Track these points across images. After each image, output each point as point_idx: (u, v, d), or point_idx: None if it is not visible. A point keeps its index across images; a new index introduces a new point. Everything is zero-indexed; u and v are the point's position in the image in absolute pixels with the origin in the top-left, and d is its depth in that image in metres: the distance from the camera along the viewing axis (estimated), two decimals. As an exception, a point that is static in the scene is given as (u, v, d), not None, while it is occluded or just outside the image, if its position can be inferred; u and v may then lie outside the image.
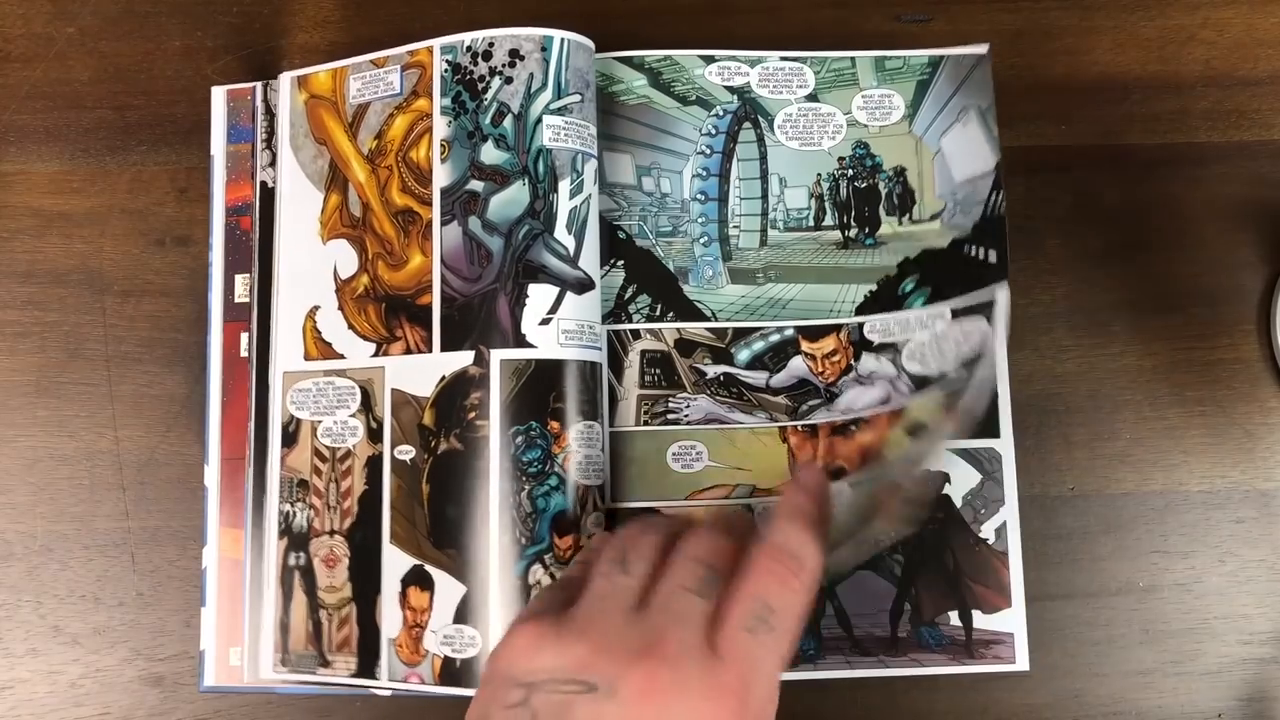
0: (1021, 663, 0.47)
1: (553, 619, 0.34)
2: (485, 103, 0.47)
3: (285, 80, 0.51)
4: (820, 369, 0.48)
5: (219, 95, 0.52)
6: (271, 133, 0.51)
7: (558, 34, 0.47)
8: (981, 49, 0.50)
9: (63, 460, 0.50)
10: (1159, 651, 0.48)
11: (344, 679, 0.46)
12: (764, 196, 0.50)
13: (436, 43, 0.48)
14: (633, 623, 0.34)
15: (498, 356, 0.45)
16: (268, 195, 0.51)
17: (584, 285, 0.46)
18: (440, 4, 0.53)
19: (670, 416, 0.48)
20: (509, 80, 0.47)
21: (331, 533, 0.47)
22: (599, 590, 0.35)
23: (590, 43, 0.48)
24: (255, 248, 0.50)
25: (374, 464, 0.47)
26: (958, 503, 0.48)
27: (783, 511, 0.37)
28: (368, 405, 0.48)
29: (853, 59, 0.51)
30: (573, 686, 0.32)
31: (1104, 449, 0.50)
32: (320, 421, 0.48)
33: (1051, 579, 0.49)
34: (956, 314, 0.47)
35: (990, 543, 0.48)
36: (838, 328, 0.49)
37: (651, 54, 0.50)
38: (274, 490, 0.49)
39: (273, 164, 0.51)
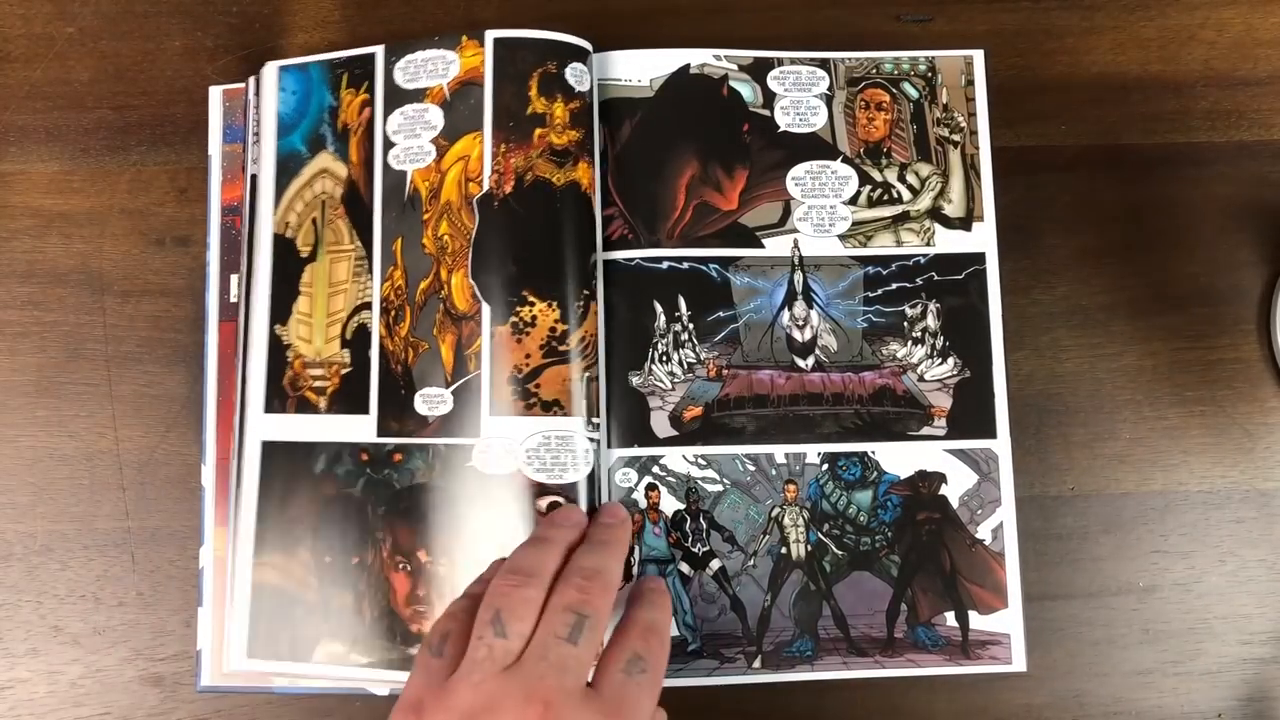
0: (1018, 663, 0.47)
1: (436, 694, 0.36)
2: None
3: (270, 69, 0.51)
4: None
5: (216, 95, 0.52)
6: (260, 124, 0.51)
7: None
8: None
9: (63, 460, 0.50)
10: (1159, 651, 0.48)
11: (330, 673, 0.46)
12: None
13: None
14: (511, 679, 0.36)
15: None
16: (255, 188, 0.51)
17: None
18: (440, 4, 0.53)
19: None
20: None
21: None
22: (478, 656, 0.37)
23: None
24: (244, 247, 0.50)
25: None
26: (954, 503, 0.48)
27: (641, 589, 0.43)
28: None
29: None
30: None
31: (1104, 449, 0.50)
32: None
33: (1051, 579, 0.49)
34: None
35: (987, 543, 0.48)
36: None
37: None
38: (251, 487, 0.49)
39: (259, 158, 0.51)
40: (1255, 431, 0.50)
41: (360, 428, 0.48)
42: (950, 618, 0.47)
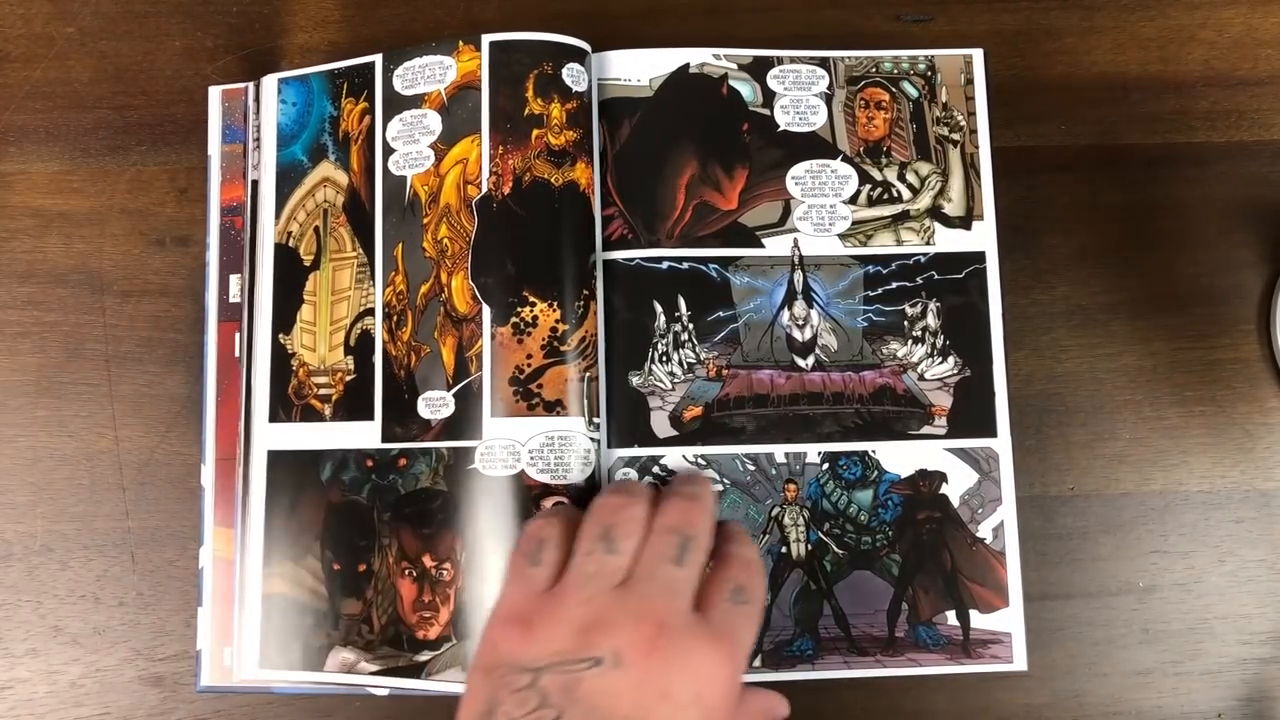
0: (1019, 663, 0.47)
1: (542, 605, 0.37)
2: None
3: (269, 81, 0.52)
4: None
5: (215, 95, 0.52)
6: (260, 131, 0.51)
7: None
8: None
9: (63, 460, 0.50)
10: (1159, 651, 0.48)
11: (337, 678, 0.46)
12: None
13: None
14: (623, 597, 0.36)
15: None
16: (256, 194, 0.51)
17: None
18: (440, 4, 0.53)
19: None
20: None
21: None
22: (587, 570, 0.37)
23: None
24: (246, 247, 0.50)
25: None
26: (955, 502, 0.48)
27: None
28: None
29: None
30: (579, 664, 0.34)
31: (1104, 449, 0.50)
32: None
33: (1051, 579, 0.49)
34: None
35: (988, 542, 0.48)
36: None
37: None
38: (259, 497, 0.49)
39: (260, 164, 0.51)
40: (1255, 431, 0.50)
41: (365, 434, 0.48)
42: (951, 617, 0.47)
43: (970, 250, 0.50)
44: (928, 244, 0.50)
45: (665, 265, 0.49)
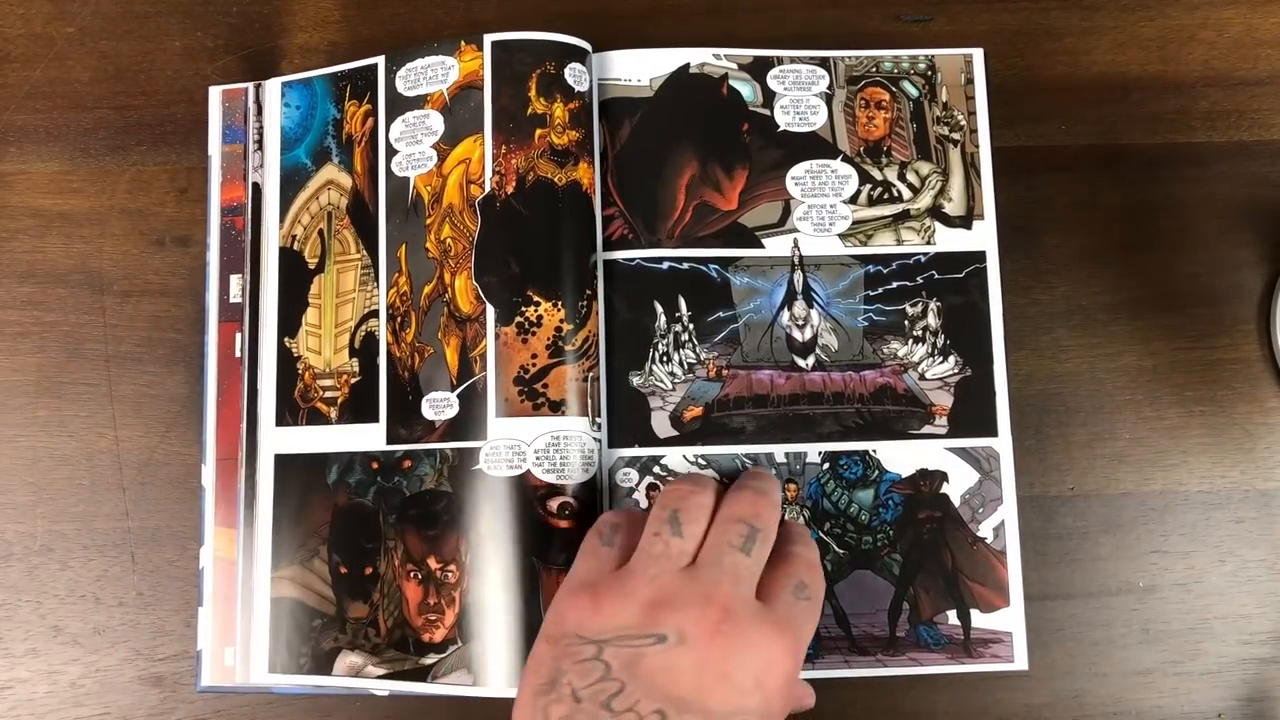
0: (1020, 662, 0.47)
1: (611, 580, 0.37)
2: None
3: (273, 85, 0.52)
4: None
5: (215, 96, 0.52)
6: (262, 134, 0.51)
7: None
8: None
9: (63, 460, 0.50)
10: (1159, 651, 0.48)
11: (341, 681, 0.46)
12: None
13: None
14: (689, 579, 0.37)
15: None
16: (258, 196, 0.51)
17: None
18: (440, 4, 0.53)
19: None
20: None
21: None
22: (655, 551, 0.38)
23: None
24: (248, 248, 0.50)
25: None
26: (956, 502, 0.48)
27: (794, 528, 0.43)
28: None
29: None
30: (643, 640, 0.35)
31: (1104, 449, 0.50)
32: None
33: (1051, 579, 0.49)
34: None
35: (988, 541, 0.48)
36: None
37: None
38: (266, 501, 0.49)
39: (262, 165, 0.51)
40: (1255, 431, 0.50)
41: (370, 436, 0.48)
42: (952, 616, 0.47)
43: (971, 250, 0.50)
44: (928, 243, 0.50)
45: (665, 265, 0.49)
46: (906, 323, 0.49)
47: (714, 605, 0.36)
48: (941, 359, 0.49)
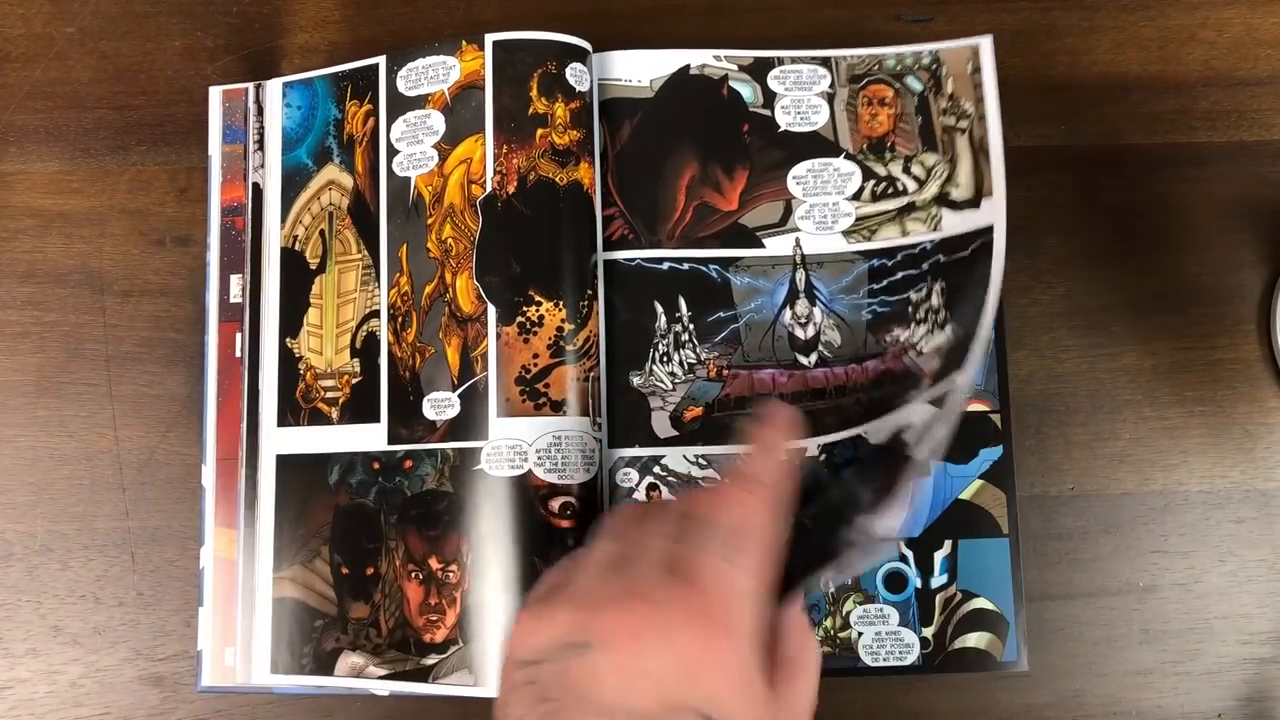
0: (1019, 663, 0.47)
1: (545, 597, 0.35)
2: None
3: (274, 85, 0.52)
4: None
5: (215, 96, 0.52)
6: (263, 134, 0.51)
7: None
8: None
9: (63, 460, 0.50)
10: (1159, 651, 0.48)
11: (342, 681, 0.46)
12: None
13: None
14: (612, 577, 0.34)
15: None
16: (259, 196, 0.51)
17: None
18: (440, 4, 0.53)
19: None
20: None
21: None
22: (586, 561, 0.36)
23: None
24: (248, 248, 0.50)
25: None
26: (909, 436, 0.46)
27: (747, 441, 0.39)
28: None
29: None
30: (569, 652, 0.33)
31: (1104, 449, 0.50)
32: None
33: (1051, 579, 0.49)
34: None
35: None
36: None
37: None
38: (268, 501, 0.49)
39: (263, 166, 0.51)
40: (1255, 431, 0.50)
41: (372, 437, 0.48)
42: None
43: (978, 227, 0.48)
44: (934, 230, 0.49)
45: (666, 266, 0.49)
46: (910, 308, 0.49)
47: (630, 598, 0.33)
48: (940, 330, 0.48)
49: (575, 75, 0.48)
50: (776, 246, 0.50)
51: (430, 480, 0.47)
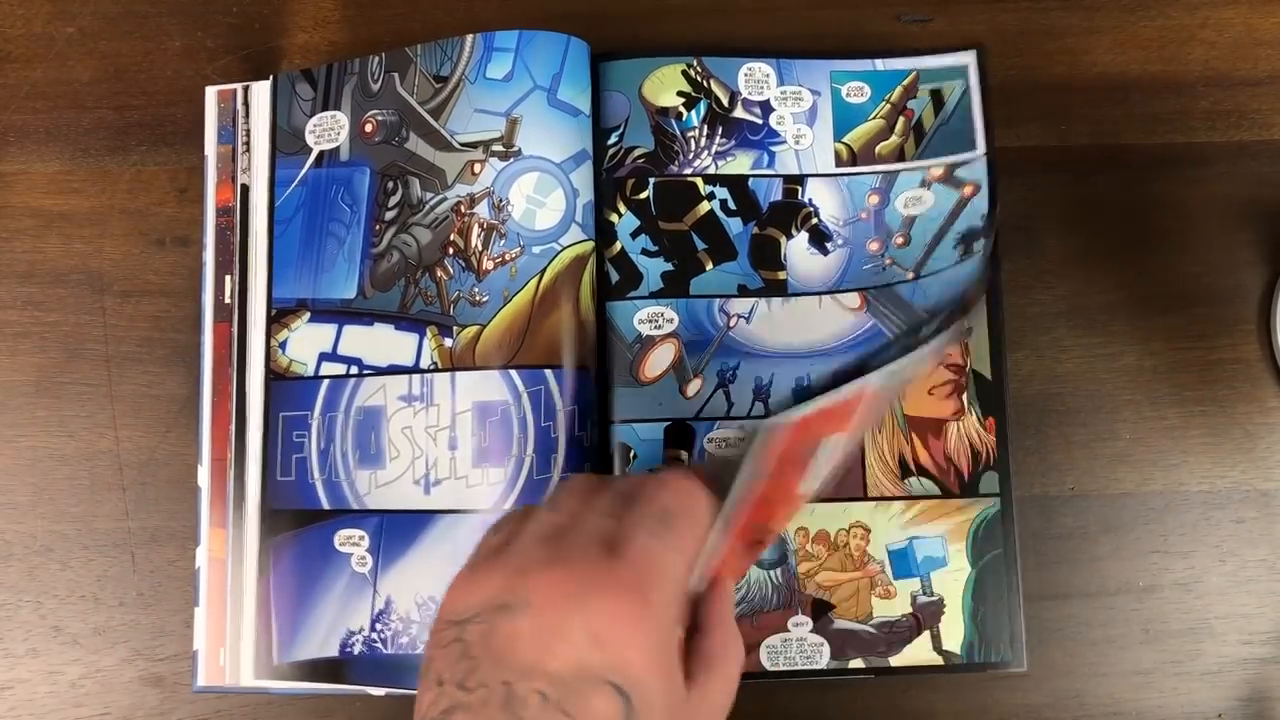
0: (1019, 663, 0.47)
1: (481, 561, 0.36)
2: None
3: (260, 89, 0.51)
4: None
5: (211, 96, 0.52)
6: (250, 136, 0.51)
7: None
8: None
9: (63, 460, 0.50)
10: (1159, 651, 0.48)
11: (336, 688, 0.46)
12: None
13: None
14: (546, 545, 0.35)
15: None
16: (246, 198, 0.51)
17: None
18: (440, 4, 0.53)
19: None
20: None
21: None
22: (526, 526, 0.36)
23: None
24: (236, 249, 0.50)
25: None
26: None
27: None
28: None
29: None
30: (496, 613, 0.33)
31: (1104, 449, 0.50)
32: None
33: (1051, 579, 0.49)
34: None
35: None
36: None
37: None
38: (253, 491, 0.49)
39: (250, 168, 0.51)
40: (1255, 431, 0.50)
41: None
42: None
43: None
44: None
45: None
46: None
47: (557, 565, 0.34)
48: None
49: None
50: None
51: None
